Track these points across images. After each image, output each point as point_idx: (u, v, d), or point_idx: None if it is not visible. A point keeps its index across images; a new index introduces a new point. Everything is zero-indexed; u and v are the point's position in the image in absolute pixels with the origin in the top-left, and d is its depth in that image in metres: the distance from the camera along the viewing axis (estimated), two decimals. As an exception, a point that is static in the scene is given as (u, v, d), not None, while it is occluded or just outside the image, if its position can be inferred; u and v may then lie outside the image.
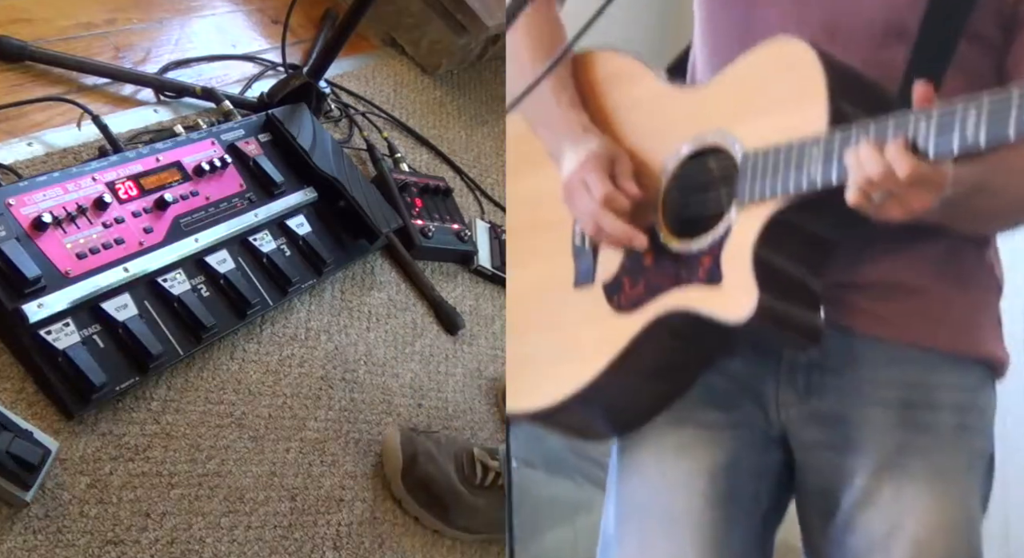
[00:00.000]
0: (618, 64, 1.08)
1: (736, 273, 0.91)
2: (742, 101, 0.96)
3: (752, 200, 0.92)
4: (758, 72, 0.95)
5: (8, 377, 1.00)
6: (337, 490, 1.24)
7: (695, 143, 0.98)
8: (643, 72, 1.05)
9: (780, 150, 0.91)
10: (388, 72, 2.09)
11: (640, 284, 0.99)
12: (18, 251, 1.01)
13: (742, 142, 0.94)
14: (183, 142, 1.32)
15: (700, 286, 0.94)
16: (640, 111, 1.05)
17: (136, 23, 1.61)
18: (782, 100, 0.93)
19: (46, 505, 0.95)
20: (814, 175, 0.88)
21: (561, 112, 1.05)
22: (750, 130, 0.94)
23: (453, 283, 1.73)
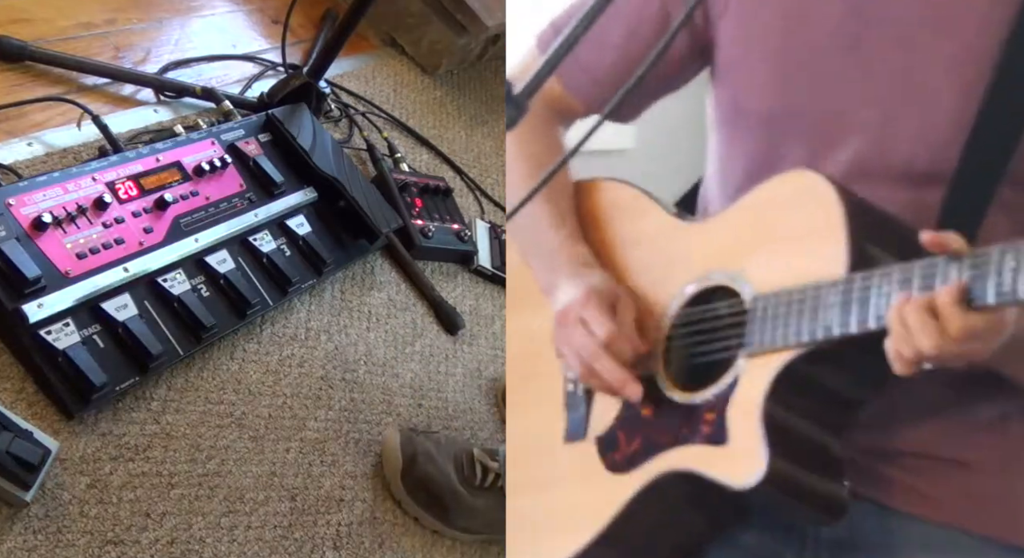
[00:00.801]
0: (622, 195, 1.00)
1: (744, 431, 0.82)
2: (753, 237, 0.88)
3: (763, 349, 0.83)
4: (771, 207, 0.87)
5: (8, 377, 1.00)
6: (337, 490, 1.24)
7: (701, 283, 0.90)
8: (648, 204, 0.98)
9: (794, 294, 0.82)
10: (388, 72, 2.10)
11: (637, 440, 0.90)
12: (18, 251, 1.01)
13: (752, 283, 0.86)
14: (183, 142, 1.32)
15: (704, 445, 0.84)
16: (644, 246, 0.97)
17: (136, 23, 1.61)
18: (797, 238, 0.84)
19: (46, 505, 0.95)
20: (831, 323, 0.79)
21: (559, 243, 0.98)
22: (762, 270, 0.86)
23: (453, 283, 1.73)
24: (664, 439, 0.88)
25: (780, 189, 0.86)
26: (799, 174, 0.85)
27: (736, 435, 0.82)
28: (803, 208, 0.84)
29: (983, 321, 0.73)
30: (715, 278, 0.89)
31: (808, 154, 0.90)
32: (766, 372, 0.82)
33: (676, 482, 0.86)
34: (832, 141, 0.90)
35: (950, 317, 0.73)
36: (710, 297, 0.90)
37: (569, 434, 0.96)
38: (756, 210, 0.88)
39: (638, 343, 0.91)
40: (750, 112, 0.94)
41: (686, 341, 0.92)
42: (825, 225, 0.82)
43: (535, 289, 1.01)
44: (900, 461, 0.88)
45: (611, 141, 2.21)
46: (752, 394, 0.82)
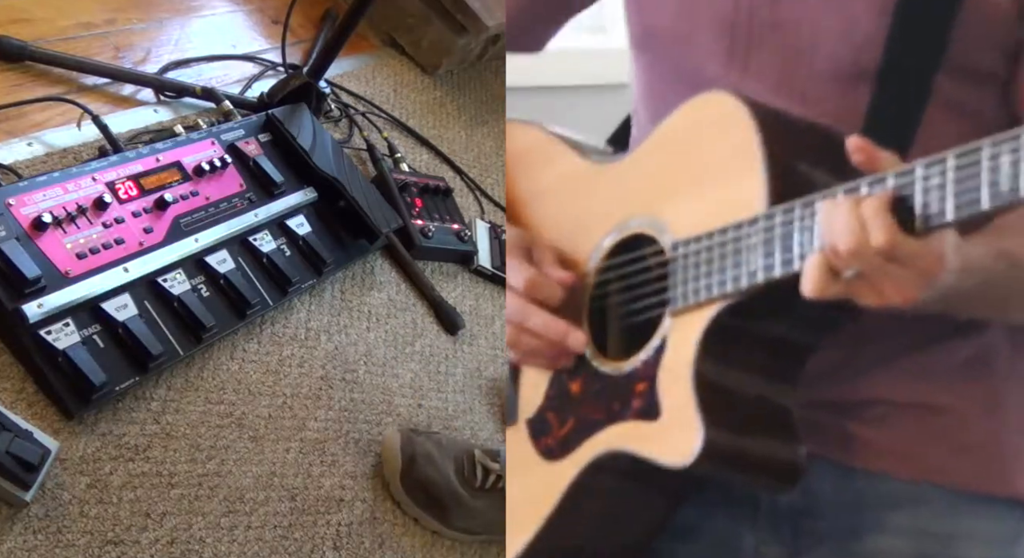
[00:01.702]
0: (530, 140, 0.90)
1: (676, 402, 0.73)
2: (669, 175, 0.78)
3: (687, 304, 0.74)
4: (684, 138, 0.77)
5: (8, 377, 1.00)
6: (337, 490, 1.24)
7: (619, 232, 0.81)
8: (558, 148, 0.87)
9: (713, 238, 0.73)
10: (388, 72, 2.09)
11: (569, 420, 0.81)
12: (18, 251, 1.01)
13: (671, 229, 0.77)
14: (183, 142, 1.32)
15: (637, 421, 0.75)
16: (555, 197, 0.87)
17: (136, 23, 1.61)
18: (713, 171, 0.75)
19: (46, 505, 0.95)
20: (754, 268, 0.70)
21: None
22: (681, 213, 0.77)
23: (453, 283, 1.73)
24: (596, 417, 0.79)
25: (692, 116, 0.77)
26: (709, 97, 0.76)
27: (669, 406, 0.74)
28: (717, 136, 0.75)
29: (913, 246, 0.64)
30: (634, 225, 0.80)
31: (724, 67, 0.82)
32: (693, 330, 0.73)
33: (612, 465, 0.77)
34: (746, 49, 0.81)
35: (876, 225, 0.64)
36: (631, 247, 0.82)
37: (507, 417, 0.88)
38: (669, 143, 0.79)
39: (564, 275, 0.81)
40: (656, 28, 0.86)
41: (609, 301, 0.82)
42: (740, 153, 0.72)
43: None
44: (860, 413, 0.80)
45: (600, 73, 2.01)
46: (681, 357, 0.73)
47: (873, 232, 0.64)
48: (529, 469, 0.83)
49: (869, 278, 0.66)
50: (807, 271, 0.67)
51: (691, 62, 0.84)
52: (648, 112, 0.90)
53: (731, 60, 0.81)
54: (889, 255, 0.64)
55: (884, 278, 0.65)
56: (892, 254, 0.64)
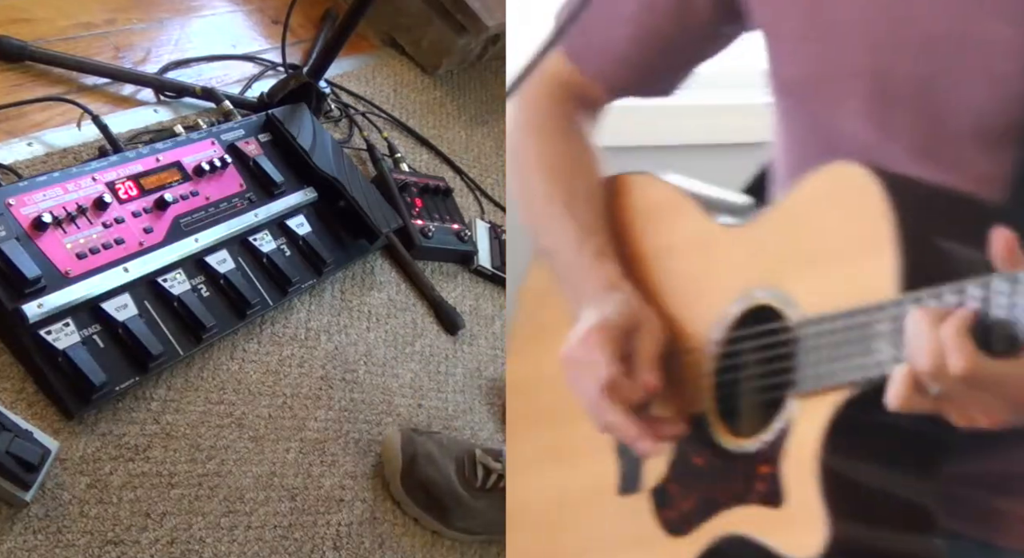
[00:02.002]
0: (654, 194, 0.86)
1: (800, 489, 0.69)
2: (796, 247, 0.74)
3: (812, 388, 0.70)
4: (812, 209, 0.74)
5: (8, 377, 1.00)
6: (337, 490, 1.24)
7: (744, 302, 0.78)
8: (683, 204, 0.84)
9: (839, 321, 0.69)
10: (388, 72, 2.09)
11: (692, 495, 0.78)
12: (18, 251, 1.01)
13: (799, 304, 0.73)
14: (183, 142, 1.32)
15: (759, 506, 0.72)
16: (679, 258, 0.83)
17: (136, 23, 1.61)
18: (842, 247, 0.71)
19: (46, 505, 0.95)
20: (883, 359, 0.65)
21: (584, 264, 0.84)
22: (808, 286, 0.73)
23: (453, 283, 1.73)
24: (720, 495, 0.75)
25: (821, 187, 0.73)
26: (840, 169, 0.72)
27: (792, 494, 0.70)
28: (847, 211, 0.71)
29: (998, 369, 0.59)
30: (759, 296, 0.77)
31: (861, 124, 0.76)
32: (820, 416, 0.69)
33: (734, 551, 0.73)
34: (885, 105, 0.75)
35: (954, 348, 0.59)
36: (757, 320, 0.78)
37: (623, 485, 0.83)
38: (798, 213, 0.75)
39: (649, 379, 0.77)
40: (788, 80, 0.82)
41: (734, 375, 0.79)
42: (871, 232, 0.68)
43: (556, 320, 0.89)
44: (1009, 487, 0.74)
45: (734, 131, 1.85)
46: (806, 444, 0.69)
47: (951, 356, 0.59)
48: (647, 542, 0.80)
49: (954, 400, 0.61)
50: (893, 382, 0.63)
51: (828, 117, 0.79)
52: (787, 164, 0.87)
53: (869, 117, 0.77)
54: (970, 381, 0.59)
55: (969, 402, 0.61)
56: (973, 380, 0.59)
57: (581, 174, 0.88)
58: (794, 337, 0.73)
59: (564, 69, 0.91)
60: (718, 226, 0.83)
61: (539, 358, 0.93)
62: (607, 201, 0.88)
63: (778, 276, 0.76)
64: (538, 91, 0.92)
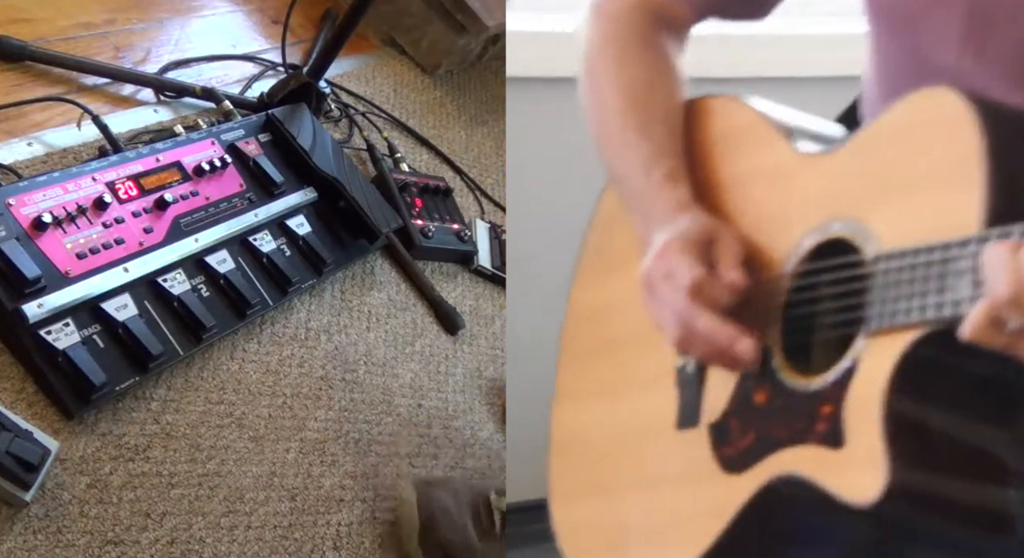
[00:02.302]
0: (739, 119, 0.83)
1: (862, 433, 0.66)
2: (880, 177, 0.71)
3: (882, 326, 0.67)
4: (899, 137, 0.70)
5: (8, 377, 1.00)
6: (337, 490, 1.24)
7: (819, 234, 0.75)
8: (766, 131, 0.80)
9: (919, 255, 0.65)
10: (388, 72, 2.09)
11: (751, 432, 0.75)
12: (18, 251, 1.01)
13: (877, 237, 0.70)
14: (183, 142, 1.32)
15: (818, 446, 0.70)
16: (758, 185, 0.80)
17: (136, 23, 1.61)
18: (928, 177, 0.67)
19: (46, 505, 0.95)
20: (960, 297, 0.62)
21: (652, 187, 0.80)
22: (889, 220, 0.69)
23: (453, 283, 1.73)
24: (779, 433, 0.73)
25: (911, 113, 0.69)
26: (932, 93, 0.67)
27: (853, 436, 0.67)
28: (935, 139, 0.66)
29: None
30: (836, 229, 0.73)
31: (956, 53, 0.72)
32: (887, 357, 0.66)
33: (790, 491, 0.71)
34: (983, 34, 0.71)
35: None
36: (832, 253, 0.74)
37: (681, 419, 0.81)
38: (883, 141, 0.71)
39: (735, 277, 0.74)
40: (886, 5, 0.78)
41: (804, 310, 0.76)
42: (959, 161, 0.64)
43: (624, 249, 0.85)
44: None
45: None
46: (872, 384, 0.66)
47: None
48: (704, 478, 0.78)
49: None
50: (969, 316, 0.60)
51: (922, 45, 0.75)
52: (879, 96, 0.83)
53: (964, 46, 0.72)
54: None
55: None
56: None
57: (659, 95, 0.84)
58: (868, 272, 0.69)
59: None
60: (798, 154, 0.79)
61: (604, 286, 0.90)
62: (685, 125, 0.84)
63: (857, 208, 0.72)
64: (620, 7, 0.87)
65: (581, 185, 1.68)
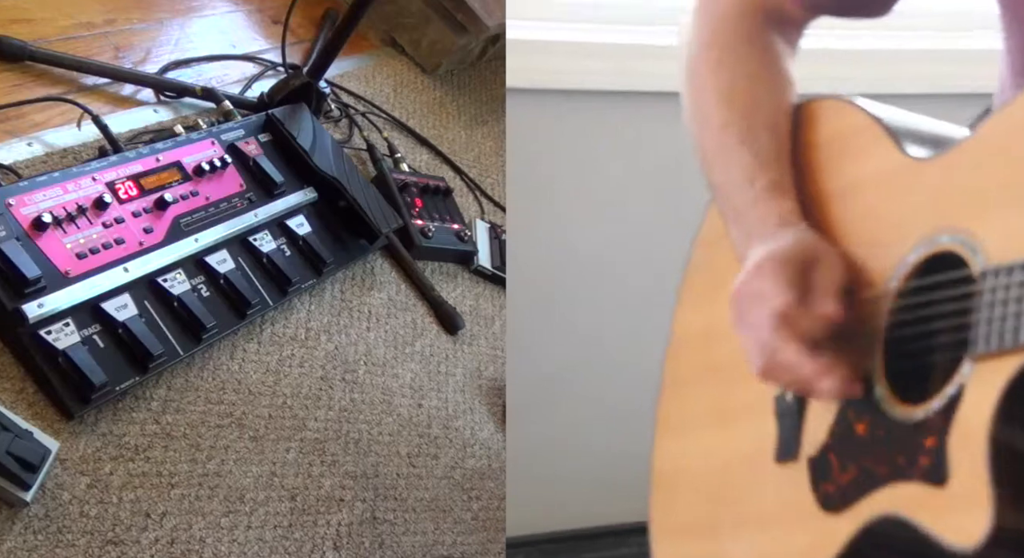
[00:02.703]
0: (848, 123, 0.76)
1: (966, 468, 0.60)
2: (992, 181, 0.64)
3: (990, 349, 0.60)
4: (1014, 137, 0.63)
5: (8, 377, 1.00)
6: (337, 490, 1.24)
7: (926, 247, 0.68)
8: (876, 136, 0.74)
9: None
10: (388, 72, 2.10)
11: (851, 467, 0.70)
12: (18, 251, 1.01)
13: (986, 250, 0.63)
14: (183, 142, 1.32)
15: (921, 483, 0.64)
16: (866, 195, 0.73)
17: (136, 23, 1.61)
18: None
19: (46, 505, 0.95)
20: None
21: (754, 199, 0.74)
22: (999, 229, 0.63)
23: (453, 283, 1.73)
24: (880, 469, 0.67)
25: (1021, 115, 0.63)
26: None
27: (958, 471, 0.61)
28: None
29: None
30: (943, 241, 0.67)
31: None
32: (996, 382, 0.60)
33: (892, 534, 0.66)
34: None
35: None
36: (939, 268, 0.68)
37: (780, 451, 0.76)
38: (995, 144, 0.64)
39: (832, 309, 0.68)
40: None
41: (909, 331, 0.70)
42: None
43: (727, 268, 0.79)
44: None
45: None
46: (977, 414, 0.60)
47: None
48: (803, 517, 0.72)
49: None
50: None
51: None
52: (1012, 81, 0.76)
53: None
54: None
55: None
56: None
57: (765, 100, 0.78)
58: (975, 290, 0.63)
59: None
60: (908, 159, 0.72)
61: (708, 310, 0.84)
62: (792, 132, 0.78)
63: (967, 218, 0.65)
64: (724, 5, 0.81)
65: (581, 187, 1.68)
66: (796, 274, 0.70)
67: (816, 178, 0.77)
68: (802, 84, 0.82)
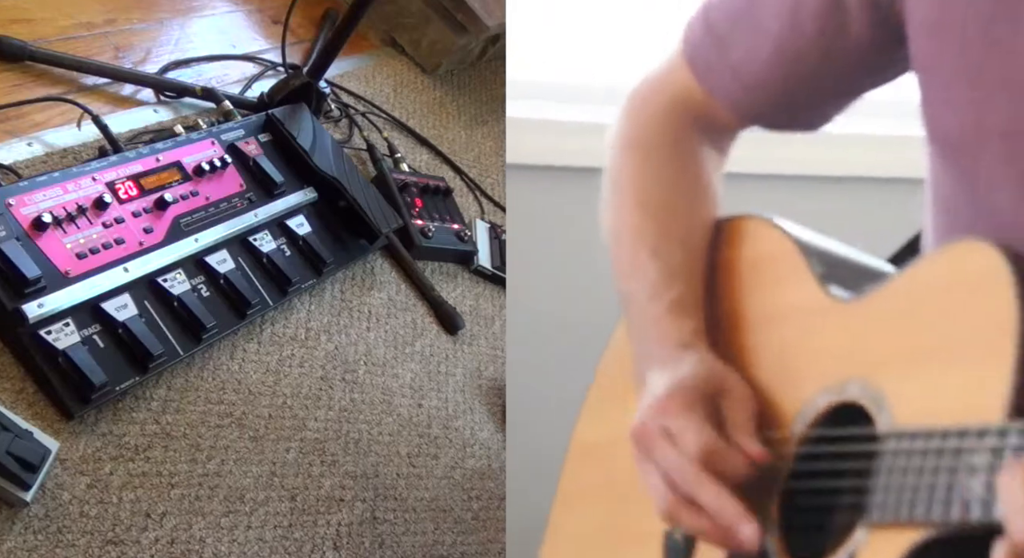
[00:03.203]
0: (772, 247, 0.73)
1: None
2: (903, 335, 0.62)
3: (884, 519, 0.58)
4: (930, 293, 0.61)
5: (8, 377, 1.00)
6: (337, 490, 1.24)
7: (834, 394, 0.66)
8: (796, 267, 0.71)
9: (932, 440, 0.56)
10: (388, 72, 2.10)
11: None
12: (18, 251, 1.01)
13: (891, 407, 0.61)
14: (183, 142, 1.32)
15: None
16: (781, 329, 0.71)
17: (136, 23, 1.61)
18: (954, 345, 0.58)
19: (46, 505, 0.95)
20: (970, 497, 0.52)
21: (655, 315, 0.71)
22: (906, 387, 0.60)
23: (453, 283, 1.73)
24: None
25: (946, 267, 0.61)
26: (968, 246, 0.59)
27: None
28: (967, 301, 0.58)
29: None
30: (851, 391, 0.65)
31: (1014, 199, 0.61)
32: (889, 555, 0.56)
33: None
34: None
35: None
36: (843, 419, 0.66)
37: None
38: (912, 294, 0.63)
39: (755, 449, 0.65)
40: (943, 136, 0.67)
41: (807, 484, 0.67)
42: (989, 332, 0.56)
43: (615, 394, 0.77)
44: None
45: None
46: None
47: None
48: None
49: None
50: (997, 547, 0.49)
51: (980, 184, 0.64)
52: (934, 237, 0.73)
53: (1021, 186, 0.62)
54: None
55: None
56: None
57: (683, 210, 0.75)
58: (875, 451, 0.61)
59: (689, 86, 0.76)
60: (827, 299, 0.70)
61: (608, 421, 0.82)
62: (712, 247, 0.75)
63: (876, 369, 0.63)
64: (655, 104, 0.78)
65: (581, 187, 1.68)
66: (708, 408, 0.67)
67: (733, 300, 0.74)
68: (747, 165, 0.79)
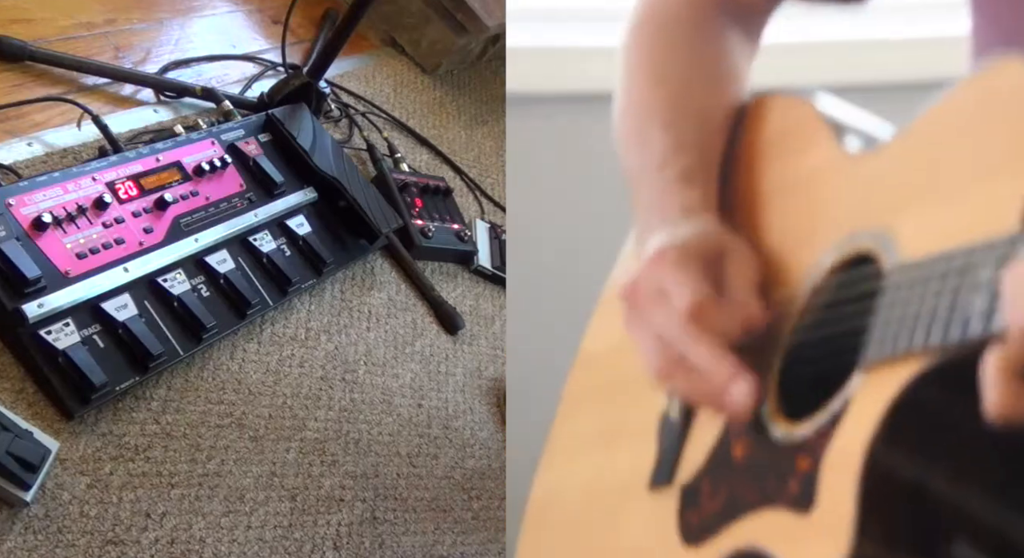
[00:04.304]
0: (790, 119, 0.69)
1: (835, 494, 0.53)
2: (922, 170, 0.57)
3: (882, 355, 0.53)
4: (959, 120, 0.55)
5: (8, 377, 1.00)
6: (337, 490, 1.24)
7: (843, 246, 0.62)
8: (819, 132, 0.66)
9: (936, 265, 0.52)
10: (388, 72, 2.10)
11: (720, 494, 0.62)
12: (18, 251, 1.01)
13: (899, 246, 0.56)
14: (183, 142, 1.32)
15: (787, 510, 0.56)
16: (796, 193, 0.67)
17: (136, 23, 1.61)
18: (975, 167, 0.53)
19: (46, 505, 0.95)
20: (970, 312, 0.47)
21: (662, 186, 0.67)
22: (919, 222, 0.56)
23: (453, 283, 1.73)
24: (748, 496, 0.60)
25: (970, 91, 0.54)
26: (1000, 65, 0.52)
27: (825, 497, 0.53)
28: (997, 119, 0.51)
29: None
30: (860, 240, 0.60)
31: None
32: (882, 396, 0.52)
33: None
34: None
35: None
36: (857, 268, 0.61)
37: (655, 477, 0.68)
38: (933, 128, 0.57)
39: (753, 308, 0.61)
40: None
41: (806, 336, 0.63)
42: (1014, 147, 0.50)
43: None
44: None
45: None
46: (857, 432, 0.52)
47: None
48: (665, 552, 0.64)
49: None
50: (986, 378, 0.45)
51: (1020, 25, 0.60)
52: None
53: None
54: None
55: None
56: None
57: (700, 87, 0.70)
58: (876, 288, 0.56)
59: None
60: (843, 154, 0.65)
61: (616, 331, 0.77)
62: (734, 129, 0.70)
63: (890, 212, 0.58)
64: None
65: (582, 187, 1.68)
66: (704, 267, 0.63)
67: (753, 178, 0.70)
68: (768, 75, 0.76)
